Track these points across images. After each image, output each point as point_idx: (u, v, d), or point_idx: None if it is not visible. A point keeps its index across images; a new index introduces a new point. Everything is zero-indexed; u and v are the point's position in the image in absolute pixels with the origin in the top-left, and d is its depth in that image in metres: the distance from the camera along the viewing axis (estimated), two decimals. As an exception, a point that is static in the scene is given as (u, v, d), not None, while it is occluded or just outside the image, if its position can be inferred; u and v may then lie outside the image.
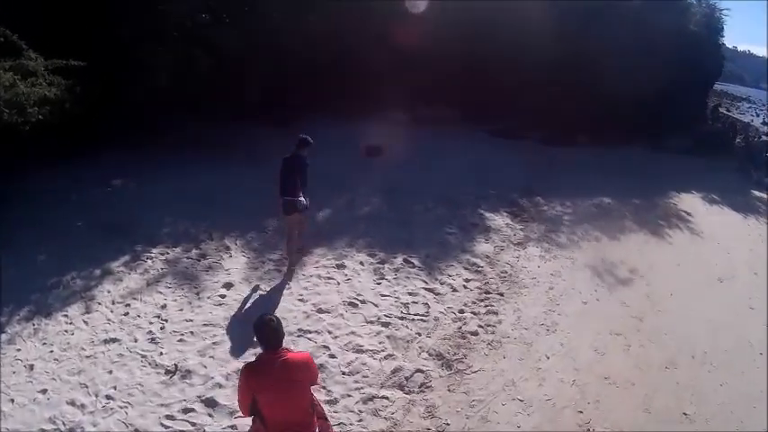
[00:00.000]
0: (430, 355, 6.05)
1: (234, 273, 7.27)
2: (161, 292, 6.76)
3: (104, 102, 10.00)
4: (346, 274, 7.38)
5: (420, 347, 6.14)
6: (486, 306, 7.09)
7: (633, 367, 6.44)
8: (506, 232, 9.32)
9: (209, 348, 5.77)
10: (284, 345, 3.39)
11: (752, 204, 13.43)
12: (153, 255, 7.57)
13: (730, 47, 19.62)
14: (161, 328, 6.08)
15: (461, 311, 6.90)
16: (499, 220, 9.78)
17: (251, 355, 5.30)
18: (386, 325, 6.41)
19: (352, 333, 6.21)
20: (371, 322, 6.44)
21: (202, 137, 11.61)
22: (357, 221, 9.00)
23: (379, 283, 7.26)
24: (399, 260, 7.84)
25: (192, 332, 6.02)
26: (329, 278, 7.27)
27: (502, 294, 7.41)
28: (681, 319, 7.53)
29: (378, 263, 7.74)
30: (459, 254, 8.31)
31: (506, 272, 8.01)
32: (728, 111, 26.08)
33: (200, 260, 7.55)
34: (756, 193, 14.51)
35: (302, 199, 6.90)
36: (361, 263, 7.70)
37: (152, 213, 8.67)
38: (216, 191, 9.59)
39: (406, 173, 11.39)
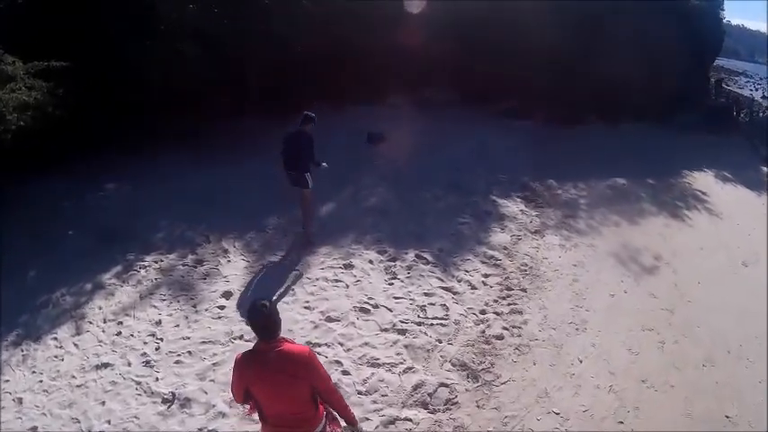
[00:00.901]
0: (453, 365, 5.49)
1: (233, 279, 6.66)
2: (155, 306, 6.20)
3: (95, 103, 9.51)
4: (355, 275, 6.77)
5: (442, 357, 5.58)
6: (509, 305, 6.53)
7: (670, 367, 6.01)
8: (522, 219, 8.73)
9: (208, 371, 5.19)
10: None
11: (764, 181, 12.93)
12: (146, 263, 7.02)
13: (725, 21, 19.02)
14: (156, 349, 5.52)
15: (483, 312, 6.34)
16: (513, 206, 9.18)
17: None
18: (402, 332, 5.83)
19: (366, 344, 5.63)
20: (386, 330, 5.86)
21: (201, 134, 11.00)
22: (363, 215, 8.37)
23: (391, 284, 6.67)
24: (411, 256, 7.24)
25: (189, 352, 5.44)
26: (337, 281, 6.66)
27: (525, 290, 6.85)
28: (711, 310, 7.13)
29: (388, 260, 7.14)
30: (475, 246, 7.72)
31: (527, 264, 7.44)
32: (728, 85, 25.60)
33: (196, 267, 6.97)
34: (766, 169, 14.01)
35: (306, 175, 7.11)
36: (371, 261, 7.09)
37: (146, 217, 8.13)
38: (214, 190, 9.03)
39: (412, 159, 10.73)
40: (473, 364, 5.53)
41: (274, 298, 6.28)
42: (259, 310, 2.94)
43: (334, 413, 3.36)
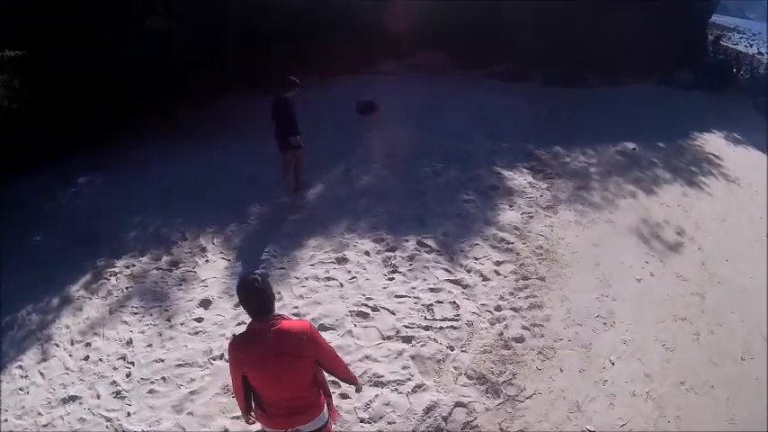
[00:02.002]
0: (470, 378, 4.71)
1: (211, 284, 5.79)
2: (126, 322, 5.42)
3: (60, 93, 8.81)
4: (350, 271, 5.90)
5: (456, 369, 4.79)
6: (527, 297, 5.72)
7: (707, 363, 5.33)
8: (531, 194, 7.86)
9: (185, 401, 4.39)
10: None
11: (775, 144, 12.17)
12: (117, 269, 6.25)
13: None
14: (127, 376, 4.75)
15: (498, 309, 5.53)
16: (520, 178, 8.29)
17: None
18: (408, 340, 5.02)
19: (367, 357, 4.82)
20: (389, 338, 5.04)
21: (179, 117, 10.06)
22: (356, 197, 7.44)
23: (391, 279, 5.82)
24: (412, 244, 6.37)
25: (164, 378, 4.66)
26: (329, 279, 5.80)
27: (543, 279, 6.05)
28: (743, 291, 6.43)
29: (387, 250, 6.28)
30: (483, 227, 6.86)
31: (542, 247, 6.62)
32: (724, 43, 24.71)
33: (171, 270, 6.14)
34: (775, 130, 13.24)
35: (296, 137, 7.06)
36: (367, 253, 6.21)
37: (119, 214, 7.37)
38: (193, 177, 8.22)
39: (406, 130, 9.74)
40: (492, 375, 4.76)
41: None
42: (250, 286, 2.63)
43: (336, 409, 3.26)
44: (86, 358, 5.07)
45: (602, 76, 14.67)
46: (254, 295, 2.65)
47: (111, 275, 6.19)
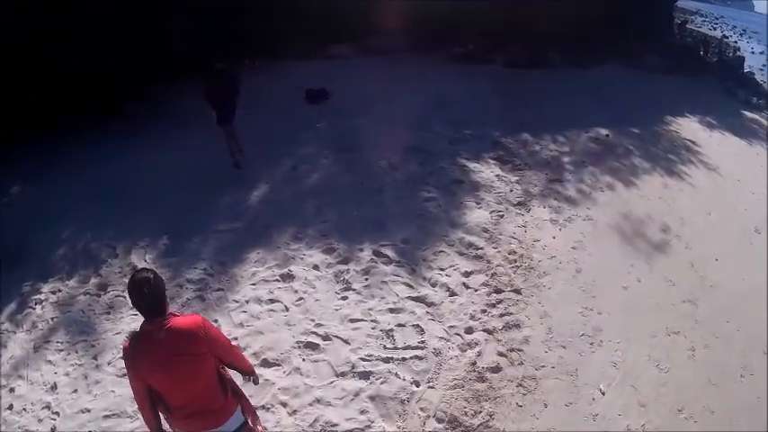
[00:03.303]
0: (440, 421, 3.91)
1: None
2: (51, 362, 4.66)
3: None
4: (296, 291, 4.99)
5: (423, 410, 3.97)
6: (501, 316, 4.92)
7: (706, 384, 4.70)
8: (500, 188, 7.05)
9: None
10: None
11: (750, 128, 11.66)
12: (43, 296, 5.44)
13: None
14: (52, 430, 4.09)
15: (470, 331, 4.71)
16: (487, 170, 7.47)
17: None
18: (365, 376, 4.16)
19: (318, 401, 3.97)
20: (343, 374, 4.17)
21: (121, 110, 9.26)
22: (303, 198, 6.50)
23: (344, 299, 4.93)
24: (368, 254, 5.49)
25: None
26: (273, 301, 4.90)
27: (518, 291, 5.25)
28: (736, 295, 5.81)
29: (339, 262, 5.39)
30: (448, 230, 6.02)
31: (515, 252, 5.82)
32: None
33: (99, 295, 5.30)
34: (748, 113, 12.80)
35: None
36: (316, 266, 5.30)
37: (50, 227, 6.48)
38: (128, 180, 7.39)
39: (361, 119, 8.81)
40: (466, 416, 3.96)
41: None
42: (137, 285, 2.46)
43: (252, 407, 3.02)
44: (10, 408, 4.38)
45: (566, 58, 14.01)
46: (147, 296, 2.46)
47: (36, 303, 5.39)
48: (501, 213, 6.49)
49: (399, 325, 4.63)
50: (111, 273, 5.65)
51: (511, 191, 7.06)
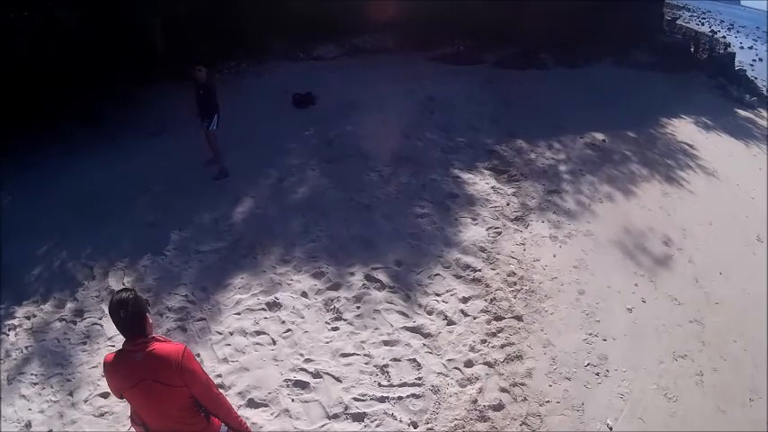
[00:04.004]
0: (440, 473, 3.57)
1: (119, 343, 4.41)
2: (25, 396, 4.20)
3: None
4: (284, 321, 4.65)
5: (421, 459, 3.64)
6: (503, 346, 4.64)
7: (715, 412, 4.48)
8: (496, 202, 6.77)
9: None
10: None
11: (745, 127, 11.50)
12: (17, 322, 4.93)
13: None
14: None
15: (469, 364, 4.43)
16: (482, 182, 7.18)
17: None
18: (359, 418, 3.86)
19: (308, 451, 3.60)
20: (336, 416, 3.87)
21: (102, 115, 8.63)
22: (290, 215, 6.13)
23: (335, 329, 4.61)
24: (359, 278, 5.17)
25: None
26: (259, 333, 4.55)
27: (519, 318, 4.97)
28: (743, 313, 5.62)
29: (328, 288, 5.06)
30: (443, 250, 5.72)
31: (515, 273, 5.53)
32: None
33: (75, 321, 4.86)
34: (742, 112, 12.63)
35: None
36: (304, 293, 4.96)
37: (26, 243, 5.88)
38: (107, 189, 6.84)
39: (349, 125, 8.44)
40: (468, 465, 3.63)
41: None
42: (116, 305, 2.37)
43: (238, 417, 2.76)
44: (-16, 454, 3.94)
45: (557, 58, 13.76)
46: (120, 314, 2.37)
47: (9, 330, 4.90)
48: (498, 230, 6.20)
49: (394, 359, 4.32)
50: (87, 296, 5.21)
51: (507, 204, 6.78)
